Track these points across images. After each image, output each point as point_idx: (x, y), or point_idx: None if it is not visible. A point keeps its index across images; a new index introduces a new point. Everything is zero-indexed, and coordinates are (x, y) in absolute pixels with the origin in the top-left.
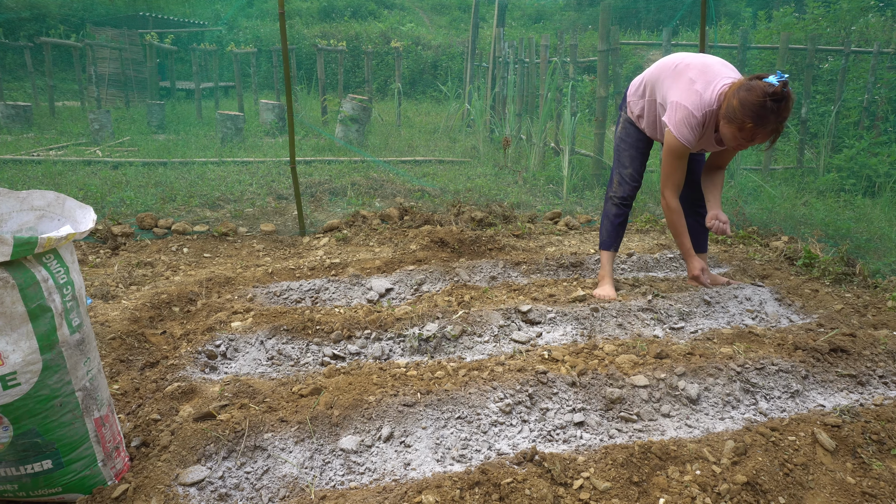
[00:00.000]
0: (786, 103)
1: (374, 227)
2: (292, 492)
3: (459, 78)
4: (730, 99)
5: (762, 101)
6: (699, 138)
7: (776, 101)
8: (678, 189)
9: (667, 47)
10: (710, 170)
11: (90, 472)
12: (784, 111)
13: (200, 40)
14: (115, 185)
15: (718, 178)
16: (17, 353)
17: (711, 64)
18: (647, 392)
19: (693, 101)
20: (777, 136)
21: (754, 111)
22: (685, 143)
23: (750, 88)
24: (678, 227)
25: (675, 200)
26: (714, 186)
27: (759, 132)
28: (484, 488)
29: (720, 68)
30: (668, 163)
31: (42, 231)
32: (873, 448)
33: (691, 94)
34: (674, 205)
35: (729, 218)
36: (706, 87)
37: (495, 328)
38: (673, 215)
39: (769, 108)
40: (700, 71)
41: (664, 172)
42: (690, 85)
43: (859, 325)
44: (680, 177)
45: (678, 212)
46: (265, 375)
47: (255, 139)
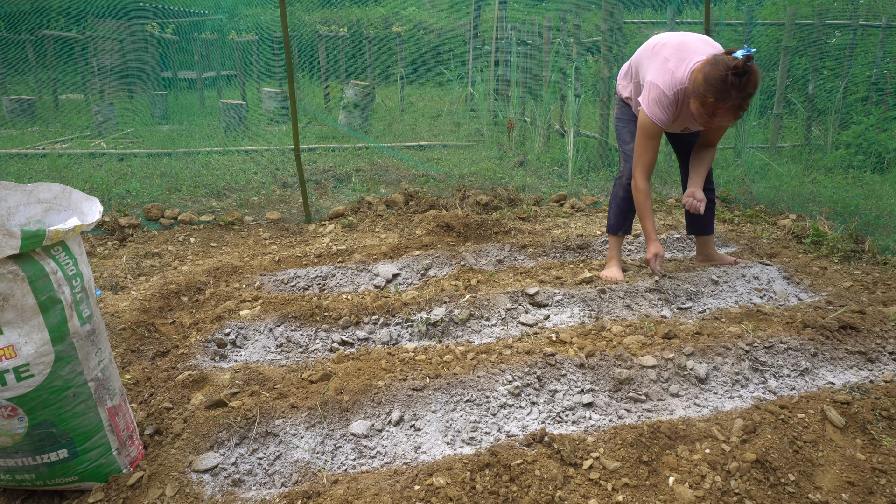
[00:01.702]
0: (748, 78)
1: (380, 212)
2: (304, 476)
3: (462, 61)
4: (696, 74)
5: (724, 75)
6: (674, 118)
7: (738, 75)
8: (648, 169)
9: (671, 26)
10: (700, 147)
11: (105, 460)
12: (747, 86)
13: (201, 29)
14: (120, 176)
15: (707, 155)
16: (29, 345)
17: (688, 42)
18: (655, 372)
19: (665, 80)
20: (740, 113)
21: (715, 86)
22: (657, 122)
23: (715, 63)
24: (643, 208)
25: (644, 181)
26: (700, 164)
27: (720, 107)
28: (494, 470)
29: (697, 45)
30: (640, 142)
31: (49, 224)
32: (883, 424)
33: (664, 73)
34: (642, 185)
35: (737, 197)
36: (679, 65)
37: (503, 311)
38: (640, 196)
39: (730, 82)
40: (675, 49)
41: (636, 152)
42: (664, 64)
43: (869, 302)
44: (650, 157)
45: (646, 193)
46: (275, 362)
47: (259, 128)
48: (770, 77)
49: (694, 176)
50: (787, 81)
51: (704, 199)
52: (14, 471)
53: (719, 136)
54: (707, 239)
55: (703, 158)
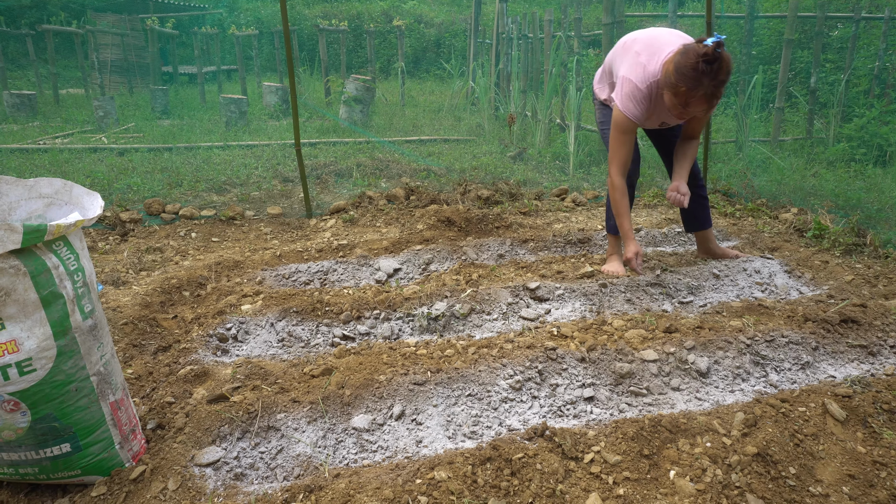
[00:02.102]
0: (719, 65)
1: (381, 207)
2: (306, 470)
3: (463, 55)
4: (667, 66)
5: (695, 63)
6: (648, 112)
7: (708, 62)
8: (624, 166)
9: (672, 18)
10: (683, 140)
11: (108, 454)
12: (719, 73)
13: (201, 24)
14: (121, 171)
15: (690, 148)
16: (31, 339)
17: (660, 35)
18: (656, 366)
19: (637, 74)
20: (714, 102)
21: (687, 74)
22: (631, 117)
23: (685, 52)
24: (620, 206)
25: (620, 178)
26: (684, 157)
27: (692, 96)
28: (495, 464)
29: (668, 38)
30: (614, 138)
31: (51, 218)
32: (884, 417)
33: (636, 68)
34: (618, 182)
35: (738, 191)
36: (651, 58)
37: (504, 306)
38: (616, 193)
39: (701, 70)
40: (646, 44)
41: (610, 148)
42: (636, 58)
43: (870, 295)
44: (626, 153)
45: (622, 190)
46: (276, 357)
47: (260, 122)
48: (772, 70)
49: (678, 169)
50: (790, 74)
51: (688, 193)
52: (17, 465)
53: (700, 128)
54: (706, 234)
55: (686, 151)
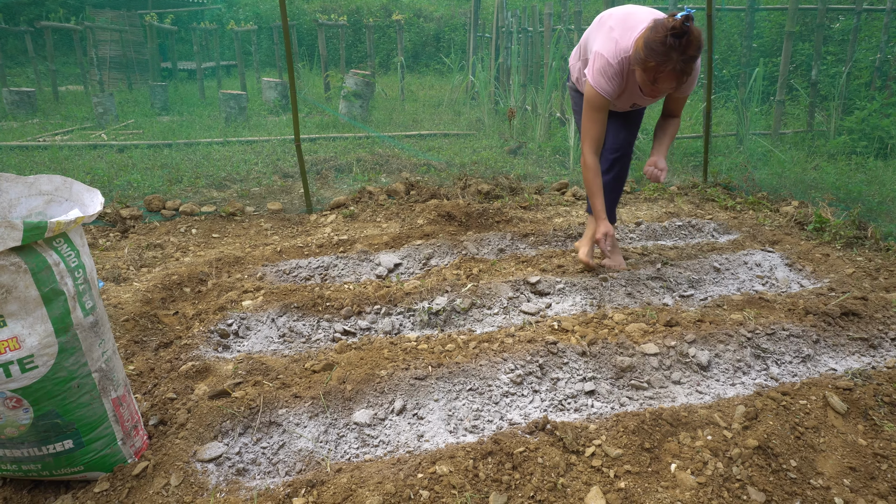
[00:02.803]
0: (688, 39)
1: (381, 202)
2: (308, 465)
3: (462, 50)
4: (638, 41)
5: (664, 37)
6: (620, 89)
7: (676, 36)
8: (597, 145)
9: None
10: (664, 117)
11: (110, 450)
12: (688, 48)
13: (200, 19)
14: (121, 168)
15: (671, 126)
16: (33, 336)
17: (634, 12)
18: (657, 360)
19: (609, 49)
20: (683, 78)
21: (655, 49)
22: (602, 93)
23: (654, 27)
24: (592, 186)
25: (593, 157)
26: (664, 133)
27: (661, 71)
28: (497, 458)
29: (643, 15)
30: (587, 115)
31: (51, 215)
32: (885, 410)
33: (609, 43)
34: (590, 161)
35: (739, 184)
36: (624, 34)
37: (504, 300)
38: (588, 173)
39: (670, 44)
40: (620, 19)
41: (583, 127)
42: (609, 33)
43: (871, 288)
44: (598, 131)
45: (594, 170)
46: (277, 353)
47: (259, 118)
48: (773, 63)
49: (657, 146)
50: (790, 67)
51: (666, 169)
52: (20, 461)
53: (681, 107)
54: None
55: (666, 129)
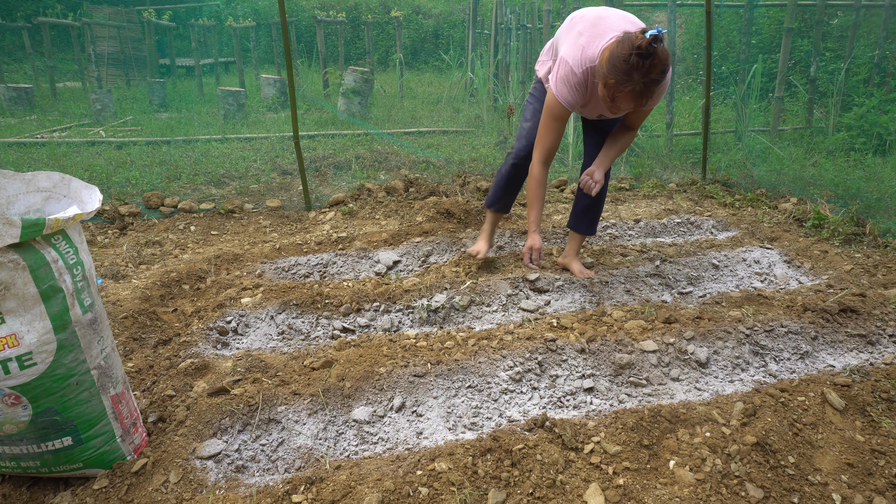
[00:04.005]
0: (653, 61)
1: (380, 199)
2: (307, 462)
3: (461, 46)
4: (604, 53)
5: (628, 55)
6: (583, 100)
7: (641, 56)
8: (548, 154)
9: (672, 8)
10: (620, 127)
11: (109, 447)
12: (651, 70)
13: (198, 15)
14: (119, 164)
15: (623, 138)
16: (31, 333)
17: (606, 17)
18: (656, 357)
19: (575, 57)
20: (643, 100)
21: (618, 66)
22: (563, 102)
23: (621, 41)
24: (532, 196)
25: (541, 167)
26: (613, 145)
27: (620, 90)
28: (496, 455)
29: (615, 21)
30: (543, 123)
31: (49, 212)
32: (883, 406)
33: (575, 50)
34: (537, 171)
35: (738, 181)
36: (591, 41)
37: (503, 297)
38: (532, 182)
39: (633, 63)
40: (590, 24)
41: (538, 133)
42: (577, 39)
43: (869, 285)
44: (552, 140)
45: (539, 181)
46: (276, 350)
47: (258, 115)
48: (772, 59)
49: (601, 157)
50: (789, 63)
51: (602, 182)
52: (19, 458)
53: (642, 119)
54: (578, 238)
55: (617, 141)
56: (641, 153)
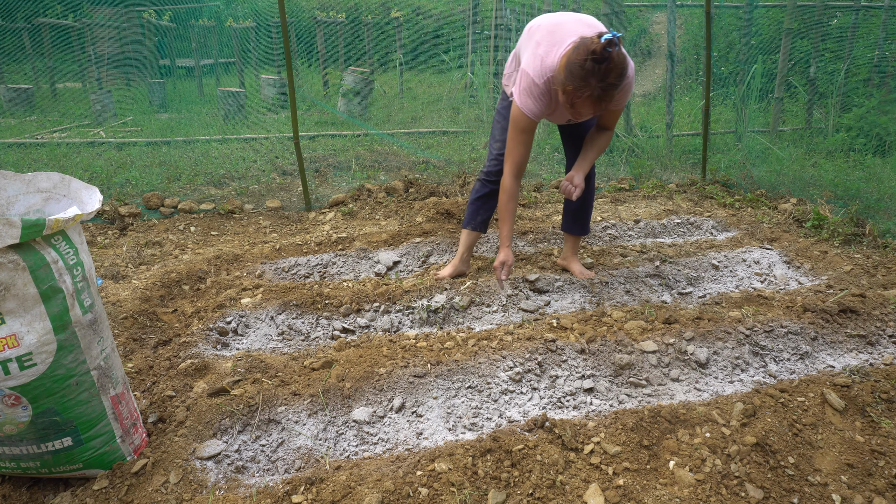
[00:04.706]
0: (608, 66)
1: (380, 200)
2: (307, 463)
3: (461, 47)
4: (562, 60)
5: (583, 60)
6: (548, 109)
7: (597, 61)
8: (518, 168)
9: (671, 8)
10: (596, 129)
11: (109, 448)
12: (608, 75)
13: (198, 16)
14: (119, 165)
15: (600, 139)
16: (31, 334)
17: (563, 23)
18: (656, 357)
19: (535, 68)
20: (603, 105)
21: (574, 72)
22: (528, 113)
23: (577, 47)
24: (505, 210)
25: (512, 180)
26: (591, 148)
27: (578, 96)
28: (496, 455)
29: (572, 27)
30: (511, 136)
31: (49, 213)
32: (882, 407)
33: (535, 60)
34: (509, 185)
35: (738, 181)
36: (549, 50)
37: (503, 298)
38: (504, 196)
39: (588, 69)
40: (547, 32)
41: (507, 147)
42: (536, 49)
43: (869, 285)
44: (521, 153)
45: (510, 194)
46: (276, 350)
47: (258, 115)
48: (771, 60)
49: (581, 160)
50: (789, 64)
51: (582, 185)
52: (19, 459)
53: (615, 119)
54: (574, 239)
55: (595, 142)
56: (641, 154)
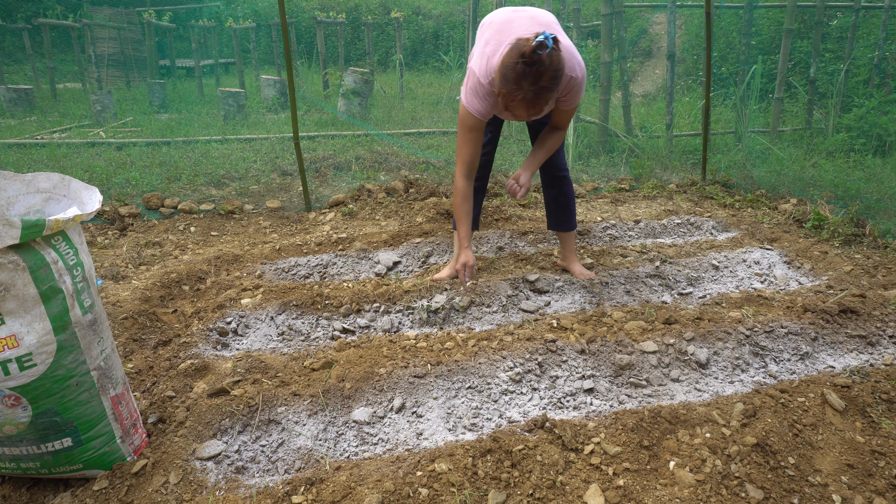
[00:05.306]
0: (539, 69)
1: (380, 200)
2: (307, 463)
3: (461, 47)
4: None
5: (515, 62)
6: (495, 108)
7: (527, 64)
8: (469, 167)
9: (671, 8)
10: (548, 129)
11: (109, 448)
12: (539, 77)
13: (198, 16)
14: (119, 165)
15: (551, 139)
16: (31, 334)
17: (513, 20)
18: (656, 357)
19: (481, 68)
20: (536, 109)
21: (506, 74)
22: (475, 113)
23: (511, 49)
24: (458, 210)
25: (464, 180)
26: (540, 148)
27: (512, 99)
28: (496, 455)
29: (522, 24)
30: (459, 136)
31: (49, 213)
32: (883, 407)
33: (481, 60)
34: (460, 185)
35: (738, 181)
36: (496, 49)
37: (503, 298)
38: (457, 197)
39: (519, 72)
40: (496, 30)
41: (457, 147)
42: (483, 48)
43: (869, 285)
44: (470, 151)
45: (463, 194)
46: (276, 351)
47: (258, 116)
48: (771, 60)
49: (528, 160)
50: (789, 64)
51: (526, 185)
52: (19, 459)
53: (566, 120)
54: (566, 236)
55: (545, 142)
56: (641, 154)
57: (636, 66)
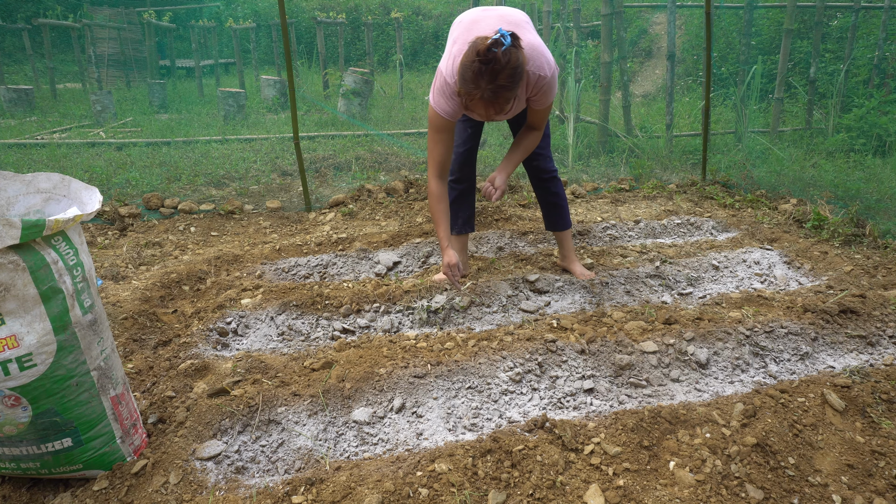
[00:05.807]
0: (494, 67)
1: (380, 200)
2: (307, 463)
3: None
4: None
5: (472, 61)
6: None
7: (483, 62)
8: (441, 168)
9: (671, 9)
10: (524, 129)
11: (109, 448)
12: (496, 76)
13: (199, 17)
14: (119, 166)
15: (526, 140)
16: (31, 334)
17: (481, 20)
18: (656, 358)
19: (448, 68)
20: (495, 108)
21: (464, 73)
22: (442, 113)
23: (470, 46)
24: (434, 212)
25: (436, 182)
26: (516, 149)
27: (471, 98)
28: (496, 455)
29: (490, 23)
30: (429, 137)
31: (49, 213)
32: (883, 407)
33: (448, 59)
34: (433, 187)
35: (738, 182)
36: (462, 48)
37: (503, 298)
38: (431, 199)
39: (476, 70)
40: (464, 30)
41: (428, 148)
42: (451, 48)
43: (869, 286)
44: (441, 153)
45: (437, 196)
46: (276, 351)
47: (258, 116)
48: (771, 60)
49: (504, 162)
50: (789, 65)
51: (502, 187)
52: (19, 459)
53: (541, 119)
54: (562, 235)
55: (520, 142)
56: (641, 154)
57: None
